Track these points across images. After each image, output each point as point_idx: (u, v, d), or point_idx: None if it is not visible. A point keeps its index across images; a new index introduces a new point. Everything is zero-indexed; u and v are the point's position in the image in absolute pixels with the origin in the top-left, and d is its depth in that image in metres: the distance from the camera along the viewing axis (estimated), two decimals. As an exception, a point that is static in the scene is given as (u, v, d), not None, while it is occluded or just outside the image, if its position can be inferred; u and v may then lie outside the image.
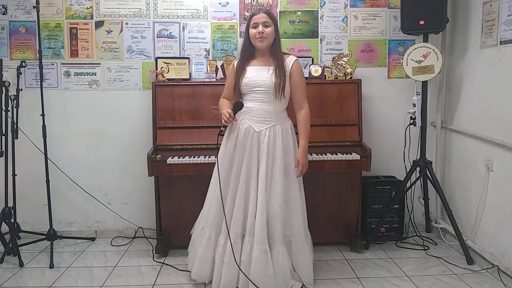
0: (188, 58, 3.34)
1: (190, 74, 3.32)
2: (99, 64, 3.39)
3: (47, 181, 3.12)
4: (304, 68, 3.28)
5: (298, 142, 2.57)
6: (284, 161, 2.48)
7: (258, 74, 2.48)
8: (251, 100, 2.50)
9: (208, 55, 3.40)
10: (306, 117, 2.53)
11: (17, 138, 3.15)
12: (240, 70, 2.50)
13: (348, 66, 3.25)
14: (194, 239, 2.71)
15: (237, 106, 2.46)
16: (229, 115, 2.42)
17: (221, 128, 2.46)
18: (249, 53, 2.52)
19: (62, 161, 3.39)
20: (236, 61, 2.59)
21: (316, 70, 3.24)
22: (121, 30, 3.37)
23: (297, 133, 2.59)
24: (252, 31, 2.48)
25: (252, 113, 2.48)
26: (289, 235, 2.54)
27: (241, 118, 2.49)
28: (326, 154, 2.94)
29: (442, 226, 3.37)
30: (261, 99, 2.48)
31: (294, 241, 2.55)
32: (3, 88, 3.04)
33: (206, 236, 2.57)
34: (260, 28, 2.45)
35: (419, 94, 3.18)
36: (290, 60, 2.52)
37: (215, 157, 2.86)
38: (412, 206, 3.42)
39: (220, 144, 2.52)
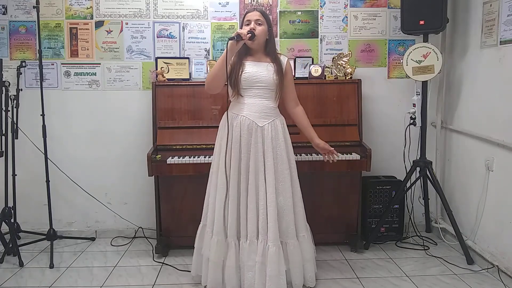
0: (188, 58, 3.34)
1: (190, 74, 3.32)
2: (99, 64, 3.39)
3: (47, 181, 3.11)
4: (304, 68, 3.29)
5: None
6: (288, 154, 2.52)
7: (258, 70, 2.48)
8: (251, 96, 2.49)
9: (208, 55, 3.41)
10: (304, 111, 2.68)
11: (17, 138, 3.15)
12: (238, 65, 2.46)
13: (348, 66, 3.25)
14: (201, 246, 2.60)
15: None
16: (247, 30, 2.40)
17: (234, 37, 2.35)
18: (244, 50, 2.49)
19: (62, 161, 3.39)
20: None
21: (316, 70, 3.24)
22: (121, 30, 3.37)
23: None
24: (245, 28, 2.47)
25: (253, 108, 2.47)
26: (296, 228, 2.56)
27: (241, 116, 2.46)
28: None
29: (442, 226, 3.37)
30: (261, 94, 2.49)
31: (299, 234, 2.57)
32: (3, 88, 3.04)
33: (216, 241, 2.47)
34: (252, 24, 2.45)
35: (419, 94, 3.18)
36: (283, 59, 2.59)
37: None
38: (412, 206, 3.42)
39: (234, 43, 2.36)
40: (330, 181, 3.13)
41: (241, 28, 2.51)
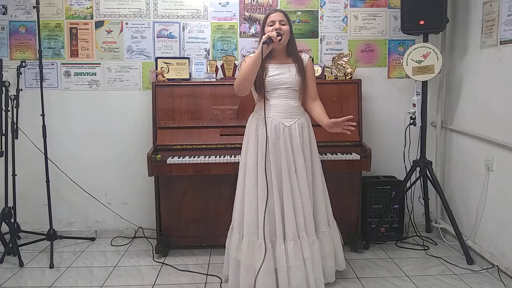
0: (188, 58, 3.34)
1: (190, 74, 3.32)
2: (99, 64, 3.39)
3: (47, 181, 3.11)
4: (304, 68, 3.29)
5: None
6: (311, 151, 2.56)
7: (281, 72, 2.52)
8: (275, 97, 2.52)
9: (208, 55, 3.41)
10: (323, 105, 2.66)
11: (17, 138, 3.16)
12: (261, 68, 2.48)
13: (348, 66, 3.25)
14: (229, 246, 2.60)
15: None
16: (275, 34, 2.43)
17: (267, 41, 2.39)
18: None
19: (62, 161, 3.39)
20: (247, 57, 2.55)
21: (316, 70, 3.22)
22: (121, 30, 3.37)
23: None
24: (268, 29, 2.50)
25: (278, 109, 2.50)
26: (316, 224, 2.59)
27: (267, 117, 2.47)
28: (326, 154, 2.94)
29: (442, 226, 3.37)
30: (286, 95, 2.52)
31: (319, 230, 2.59)
32: (3, 88, 3.04)
33: (259, 247, 2.44)
34: (277, 25, 2.48)
35: (419, 94, 3.18)
36: (305, 57, 2.63)
37: (216, 157, 2.87)
38: (412, 206, 3.42)
39: (265, 47, 2.40)
40: (330, 181, 3.11)
41: (263, 29, 2.55)
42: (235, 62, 3.27)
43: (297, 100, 2.56)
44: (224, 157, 2.89)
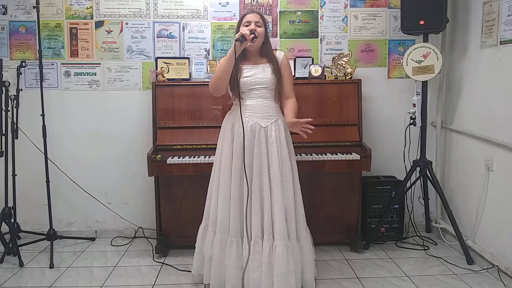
0: (188, 58, 3.34)
1: (190, 74, 3.32)
2: (99, 64, 3.39)
3: (47, 181, 3.12)
4: (304, 68, 3.29)
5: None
6: (289, 153, 2.52)
7: (255, 72, 2.50)
8: (251, 97, 2.50)
9: (208, 55, 3.41)
10: (296, 103, 2.55)
11: (17, 138, 3.16)
12: (235, 70, 2.47)
13: (348, 66, 3.25)
14: (202, 245, 2.61)
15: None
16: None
17: (240, 38, 2.37)
18: (240, 54, 2.48)
19: (62, 161, 3.39)
20: (222, 59, 2.53)
21: (316, 70, 3.24)
22: (121, 30, 3.37)
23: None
24: (243, 28, 2.48)
25: (255, 109, 2.48)
26: (297, 229, 2.56)
27: (243, 117, 2.46)
28: (326, 154, 2.94)
29: (442, 226, 3.37)
30: (262, 95, 2.50)
31: (299, 235, 2.56)
32: (3, 88, 3.04)
33: (230, 244, 2.47)
34: (253, 25, 2.47)
35: (419, 94, 3.18)
36: (279, 54, 2.59)
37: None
38: (412, 206, 3.41)
39: (239, 45, 2.38)
40: (330, 181, 3.13)
41: (238, 29, 2.53)
42: (235, 62, 3.26)
43: (273, 100, 2.53)
44: (224, 157, 2.88)
